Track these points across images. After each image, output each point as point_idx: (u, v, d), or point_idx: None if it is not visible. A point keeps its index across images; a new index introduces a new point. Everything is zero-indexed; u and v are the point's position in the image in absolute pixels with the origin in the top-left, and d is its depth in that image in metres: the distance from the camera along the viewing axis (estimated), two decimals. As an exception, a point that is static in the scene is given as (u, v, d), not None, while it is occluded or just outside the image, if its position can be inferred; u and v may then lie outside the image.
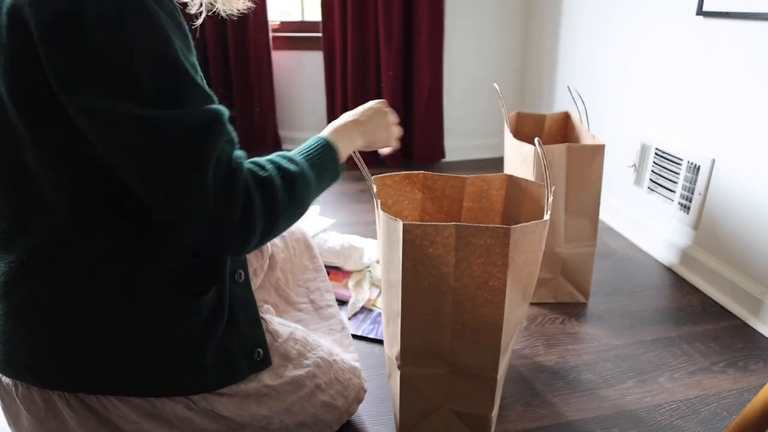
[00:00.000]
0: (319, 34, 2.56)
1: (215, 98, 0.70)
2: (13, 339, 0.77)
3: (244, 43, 2.52)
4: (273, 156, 0.75)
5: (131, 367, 0.77)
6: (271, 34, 2.54)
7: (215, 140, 0.66)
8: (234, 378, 0.84)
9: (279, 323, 0.94)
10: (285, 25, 2.70)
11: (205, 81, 0.71)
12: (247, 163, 0.70)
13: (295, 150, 0.81)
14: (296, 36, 2.65)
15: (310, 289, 1.16)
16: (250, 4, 0.93)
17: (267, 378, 0.88)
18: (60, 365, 0.76)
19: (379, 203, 0.98)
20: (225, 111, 0.69)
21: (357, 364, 1.07)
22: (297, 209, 0.75)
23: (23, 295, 0.75)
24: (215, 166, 0.65)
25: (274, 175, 0.71)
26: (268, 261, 1.03)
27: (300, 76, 2.70)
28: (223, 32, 2.52)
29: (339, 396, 0.98)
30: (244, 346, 0.85)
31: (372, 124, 0.95)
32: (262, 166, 0.71)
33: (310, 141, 0.84)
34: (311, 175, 0.77)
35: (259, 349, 0.87)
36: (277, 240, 1.13)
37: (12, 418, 0.83)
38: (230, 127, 0.69)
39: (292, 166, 0.74)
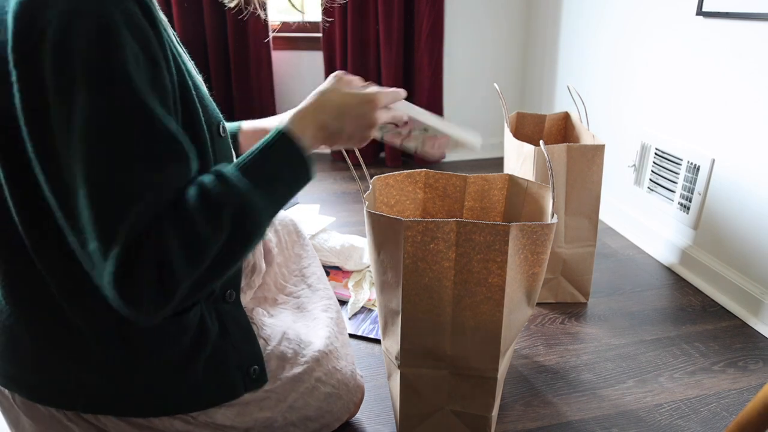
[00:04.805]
0: (319, 34, 2.56)
1: (182, 144, 0.62)
2: (9, 358, 0.77)
3: (244, 43, 2.52)
4: (195, 179, 0.64)
5: (125, 389, 0.76)
6: (271, 34, 2.54)
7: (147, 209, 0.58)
8: (229, 396, 0.83)
9: (270, 324, 0.93)
10: (285, 25, 2.70)
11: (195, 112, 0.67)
12: (167, 209, 0.59)
13: (244, 159, 0.67)
14: (296, 36, 2.65)
15: (306, 275, 1.17)
16: None
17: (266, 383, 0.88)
18: (54, 388, 0.76)
19: (367, 204, 0.98)
20: (189, 169, 0.61)
21: (350, 350, 1.08)
22: (237, 234, 0.62)
23: (15, 323, 0.74)
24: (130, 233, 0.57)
25: (191, 204, 0.60)
26: (258, 279, 1.00)
27: (300, 76, 2.69)
28: (223, 32, 2.52)
29: (341, 385, 0.98)
30: (241, 364, 0.84)
31: (344, 135, 0.76)
32: (177, 199, 0.60)
33: (261, 143, 0.69)
34: (248, 190, 0.64)
35: (256, 366, 0.85)
36: (270, 234, 1.13)
37: (12, 423, 0.83)
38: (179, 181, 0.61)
39: (213, 187, 0.62)
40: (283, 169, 0.69)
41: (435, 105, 2.57)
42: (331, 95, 0.76)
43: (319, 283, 1.16)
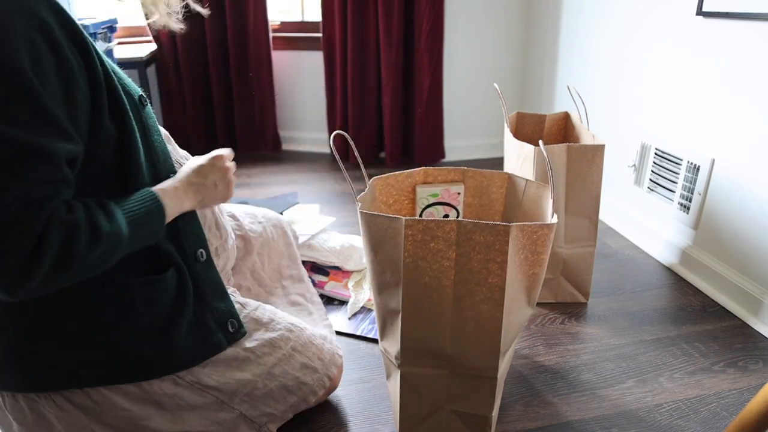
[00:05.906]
0: (319, 34, 2.56)
1: (68, 130, 0.67)
2: None
3: (244, 43, 2.52)
4: (92, 204, 0.71)
5: (115, 355, 0.80)
6: (271, 34, 2.54)
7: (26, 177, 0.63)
8: (214, 350, 0.89)
9: (246, 300, 1.00)
10: (285, 25, 2.70)
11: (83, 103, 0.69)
12: (60, 205, 0.66)
13: (122, 202, 0.75)
14: (296, 36, 2.65)
15: (283, 275, 1.22)
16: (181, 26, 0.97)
17: (244, 341, 0.93)
18: (45, 367, 0.77)
19: (360, 205, 0.99)
20: (59, 151, 0.65)
21: (327, 332, 1.13)
22: (97, 263, 0.70)
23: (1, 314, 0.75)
24: (14, 197, 0.62)
25: (82, 222, 0.67)
26: (229, 241, 1.02)
27: (300, 76, 2.70)
28: (223, 32, 2.52)
29: (316, 358, 1.03)
30: (218, 320, 0.90)
31: (210, 186, 0.90)
32: (71, 209, 0.67)
33: (140, 194, 0.78)
34: (125, 233, 0.73)
35: (233, 320, 0.92)
36: (254, 225, 1.18)
37: (5, 428, 0.84)
38: (55, 170, 0.65)
39: (104, 221, 0.70)
40: (151, 223, 0.79)
41: (435, 105, 2.57)
42: (187, 164, 0.90)
43: (292, 288, 1.21)
